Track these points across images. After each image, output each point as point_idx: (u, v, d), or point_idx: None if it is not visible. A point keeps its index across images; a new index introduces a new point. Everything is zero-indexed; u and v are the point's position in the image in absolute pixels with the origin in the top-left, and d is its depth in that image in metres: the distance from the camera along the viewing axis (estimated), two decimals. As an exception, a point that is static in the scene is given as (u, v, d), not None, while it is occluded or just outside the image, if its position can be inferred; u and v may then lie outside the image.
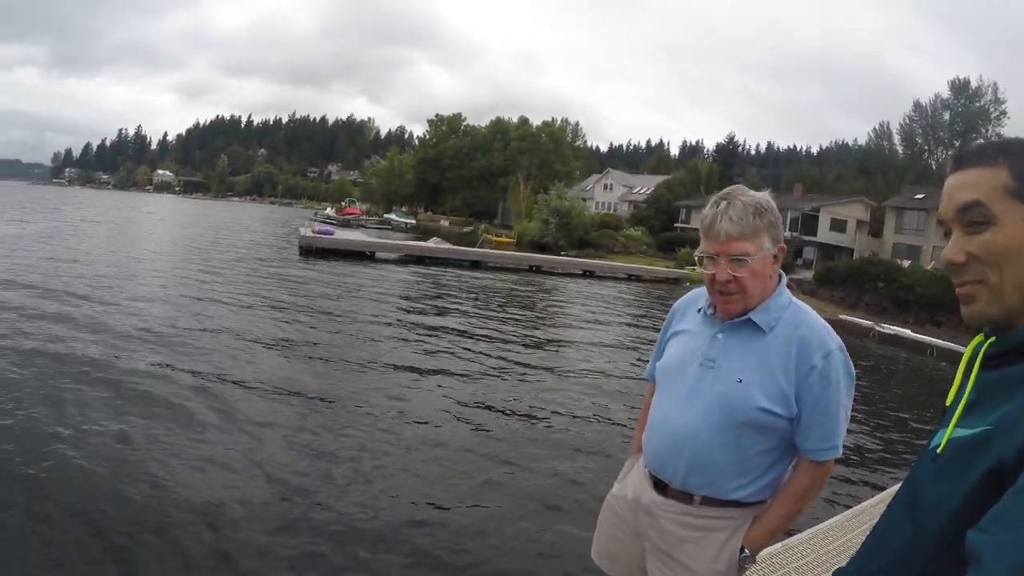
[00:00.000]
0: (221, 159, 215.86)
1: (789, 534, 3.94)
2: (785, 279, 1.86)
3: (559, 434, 7.63)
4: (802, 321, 1.74)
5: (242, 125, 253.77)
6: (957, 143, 68.25)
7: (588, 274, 33.94)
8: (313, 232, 29.80)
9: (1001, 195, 0.95)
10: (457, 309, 16.88)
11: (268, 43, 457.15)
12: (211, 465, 5.66)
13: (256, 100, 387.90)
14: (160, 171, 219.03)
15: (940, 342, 20.83)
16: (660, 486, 1.85)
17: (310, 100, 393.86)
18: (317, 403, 7.69)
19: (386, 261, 28.15)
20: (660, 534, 1.84)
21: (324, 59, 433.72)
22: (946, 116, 69.56)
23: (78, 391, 7.04)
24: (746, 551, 1.76)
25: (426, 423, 7.45)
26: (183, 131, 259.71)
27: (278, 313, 13.05)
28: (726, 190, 1.78)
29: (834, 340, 1.72)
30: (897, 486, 1.20)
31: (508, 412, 8.27)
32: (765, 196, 1.75)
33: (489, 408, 8.34)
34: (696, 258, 1.78)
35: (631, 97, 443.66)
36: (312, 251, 26.76)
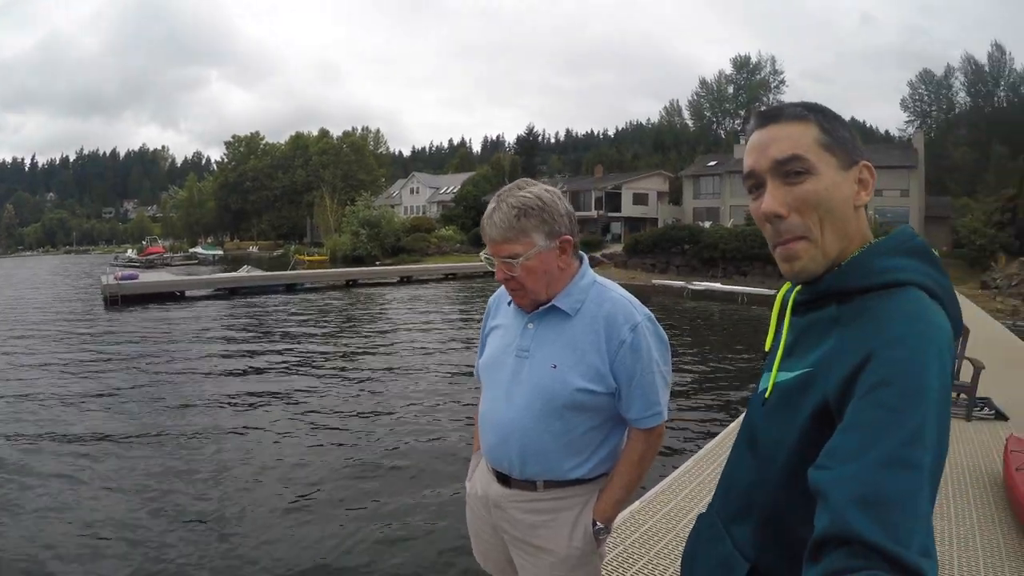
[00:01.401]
0: (6, 209, 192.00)
1: (641, 492, 4.11)
2: (587, 261, 1.90)
3: (404, 440, 7.60)
4: (606, 299, 1.79)
5: (26, 168, 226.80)
6: (743, 113, 74.73)
7: (406, 280, 34.00)
8: (116, 279, 27.15)
9: (816, 148, 1.00)
10: (280, 334, 16.30)
11: (50, 71, 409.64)
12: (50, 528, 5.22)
13: (40, 136, 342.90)
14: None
15: (748, 289, 23.16)
16: (503, 479, 1.87)
17: (98, 132, 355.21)
18: (153, 451, 7.19)
19: (198, 298, 26.56)
20: (513, 524, 1.86)
21: (111, 85, 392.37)
22: (730, 90, 75.95)
23: None
24: (598, 524, 1.81)
25: (272, 449, 7.18)
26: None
27: (95, 373, 11.87)
28: (502, 190, 1.78)
29: (640, 312, 1.76)
30: (732, 425, 1.29)
31: (351, 426, 8.16)
32: (536, 193, 1.73)
33: (332, 424, 8.22)
34: (483, 258, 1.79)
35: (430, 99, 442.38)
36: (118, 300, 24.63)
